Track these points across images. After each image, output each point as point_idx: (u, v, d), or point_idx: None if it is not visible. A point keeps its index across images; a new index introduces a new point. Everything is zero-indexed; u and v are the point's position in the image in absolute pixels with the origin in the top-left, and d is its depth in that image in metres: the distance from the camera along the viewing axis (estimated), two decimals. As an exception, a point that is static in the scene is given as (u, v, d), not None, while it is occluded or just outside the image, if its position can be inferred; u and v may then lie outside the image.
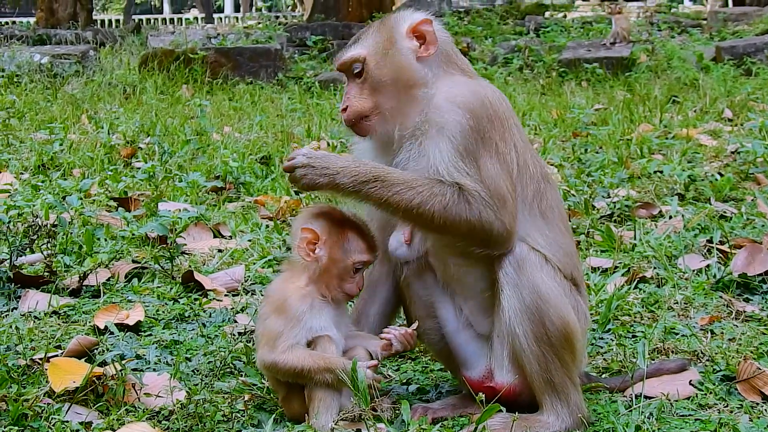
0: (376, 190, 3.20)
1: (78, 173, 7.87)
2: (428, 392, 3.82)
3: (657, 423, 3.34)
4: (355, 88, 3.41)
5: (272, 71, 16.33)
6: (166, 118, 10.93)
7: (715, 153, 8.71)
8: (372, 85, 3.37)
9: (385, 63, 3.37)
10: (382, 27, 3.45)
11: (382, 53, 3.38)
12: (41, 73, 14.64)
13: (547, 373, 3.31)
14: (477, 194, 3.20)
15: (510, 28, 22.02)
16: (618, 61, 16.24)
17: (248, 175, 7.80)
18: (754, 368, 3.66)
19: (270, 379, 3.48)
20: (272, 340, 3.33)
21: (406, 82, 3.36)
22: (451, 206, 3.19)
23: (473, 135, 3.24)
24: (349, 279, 3.41)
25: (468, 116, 3.24)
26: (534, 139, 9.58)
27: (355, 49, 3.42)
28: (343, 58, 3.44)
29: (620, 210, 6.61)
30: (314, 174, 3.22)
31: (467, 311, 3.52)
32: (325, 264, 3.39)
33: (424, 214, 3.19)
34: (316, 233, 3.39)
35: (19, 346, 4.04)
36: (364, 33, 3.48)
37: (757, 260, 4.95)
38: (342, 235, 3.40)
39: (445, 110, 3.26)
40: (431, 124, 3.27)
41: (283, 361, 3.29)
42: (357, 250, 3.41)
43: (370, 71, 3.37)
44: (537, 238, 3.35)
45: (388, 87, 3.36)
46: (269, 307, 3.41)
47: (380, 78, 3.36)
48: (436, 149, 3.24)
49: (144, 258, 5.53)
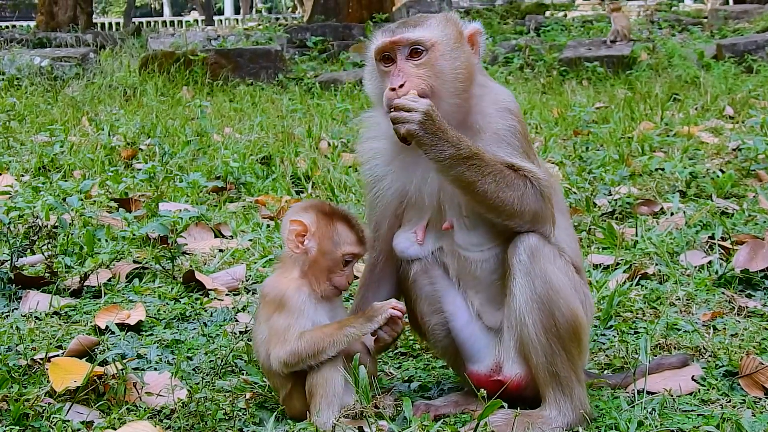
0: (472, 170, 3.23)
1: (78, 175, 7.86)
2: (430, 389, 3.81)
3: (660, 419, 3.33)
4: (409, 67, 3.33)
5: (272, 72, 16.32)
6: (166, 120, 10.93)
7: (717, 150, 8.70)
8: (433, 71, 3.33)
9: (452, 55, 3.36)
10: (447, 22, 3.42)
11: (452, 45, 3.37)
12: (41, 76, 14.63)
13: (553, 366, 3.31)
14: (540, 185, 3.33)
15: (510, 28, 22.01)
16: (619, 59, 16.22)
17: (249, 176, 7.80)
18: (756, 363, 3.66)
19: (271, 377, 3.48)
20: (282, 336, 3.33)
21: (465, 79, 3.37)
22: (526, 193, 3.30)
23: (524, 136, 3.40)
24: (339, 272, 3.43)
25: (517, 120, 3.39)
26: (535, 137, 9.58)
27: (422, 31, 3.35)
28: (406, 35, 3.34)
29: (622, 207, 6.60)
30: (430, 128, 3.19)
31: (478, 304, 3.53)
32: (315, 256, 3.39)
33: (506, 198, 3.27)
34: (305, 225, 3.41)
35: (20, 346, 4.04)
36: (423, 20, 3.41)
37: (759, 256, 4.94)
38: (331, 226, 3.42)
39: (497, 116, 3.38)
40: (483, 128, 3.37)
41: (301, 347, 3.29)
42: (346, 242, 3.42)
43: (436, 58, 3.34)
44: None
45: (448, 78, 3.35)
46: (269, 308, 3.41)
47: (444, 67, 3.34)
48: (496, 149, 3.33)
49: (145, 258, 5.52)
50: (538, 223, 3.35)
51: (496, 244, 3.42)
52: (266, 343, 3.40)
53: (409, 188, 3.48)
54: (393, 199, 3.55)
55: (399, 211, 3.56)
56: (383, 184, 3.55)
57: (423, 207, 3.48)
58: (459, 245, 3.46)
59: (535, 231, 3.34)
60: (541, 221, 3.35)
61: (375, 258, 3.67)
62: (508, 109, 3.39)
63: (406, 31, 3.36)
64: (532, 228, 3.34)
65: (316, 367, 3.32)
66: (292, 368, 3.35)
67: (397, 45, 3.34)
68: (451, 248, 3.49)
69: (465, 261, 3.48)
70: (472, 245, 3.44)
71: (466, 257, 3.47)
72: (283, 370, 3.35)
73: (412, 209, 3.51)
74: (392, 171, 3.52)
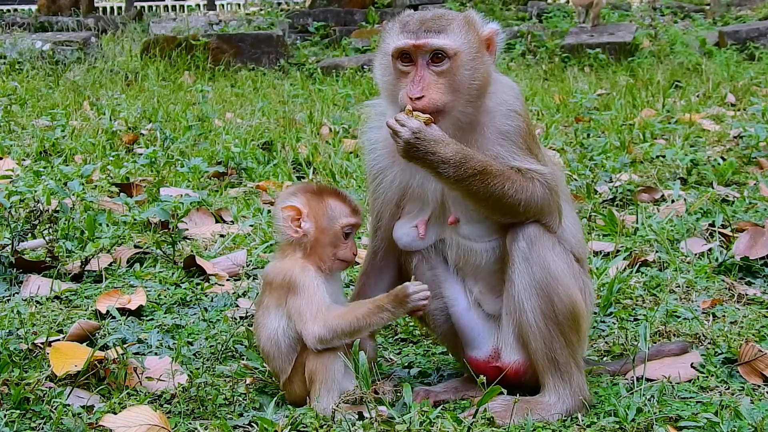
0: (477, 182, 3.24)
1: (80, 159, 7.86)
2: (430, 375, 3.82)
3: (658, 405, 3.34)
4: (430, 76, 3.28)
5: (274, 57, 16.30)
6: (168, 105, 10.91)
7: (718, 137, 8.69)
8: (453, 81, 3.29)
9: (472, 65, 3.31)
10: (468, 26, 3.34)
11: (472, 55, 3.31)
12: (43, 60, 14.61)
13: (552, 352, 3.32)
14: (546, 181, 3.34)
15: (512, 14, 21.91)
16: (621, 46, 16.17)
17: (250, 161, 7.80)
18: (755, 351, 3.67)
19: (271, 362, 3.48)
20: (310, 313, 3.33)
21: (483, 88, 3.35)
22: (534, 193, 3.31)
23: (529, 134, 3.40)
24: (341, 245, 3.46)
25: (523, 119, 3.39)
26: (537, 124, 9.56)
27: (447, 38, 3.27)
28: (431, 41, 3.26)
29: (622, 194, 6.61)
30: (416, 154, 3.20)
31: (477, 291, 3.55)
32: (314, 235, 3.43)
33: (512, 201, 3.29)
34: (297, 208, 3.44)
35: (21, 330, 4.05)
36: (446, 23, 3.31)
37: (759, 244, 4.95)
38: (323, 203, 3.46)
39: (504, 117, 3.37)
40: (488, 126, 3.36)
41: (339, 325, 3.30)
42: (342, 215, 3.46)
43: (457, 67, 3.28)
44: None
45: (466, 88, 3.31)
46: (278, 293, 3.42)
47: (464, 78, 3.30)
48: (500, 149, 3.33)
49: (146, 243, 5.52)
50: (544, 218, 3.38)
51: (501, 234, 3.43)
52: (290, 328, 3.39)
53: (412, 183, 3.48)
54: (395, 193, 3.55)
55: (401, 203, 3.56)
56: (386, 178, 3.55)
57: (426, 201, 3.47)
58: (464, 236, 3.47)
59: (541, 223, 3.37)
60: (547, 215, 3.38)
61: (377, 245, 3.67)
62: (515, 111, 3.38)
63: (430, 36, 3.27)
64: (539, 221, 3.37)
65: (316, 353, 3.33)
66: (327, 344, 3.34)
67: (419, 49, 3.28)
68: (453, 240, 3.50)
69: (468, 251, 3.49)
70: (478, 236, 3.45)
71: (469, 248, 3.48)
72: (317, 346, 3.34)
73: (415, 201, 3.51)
74: (395, 164, 3.50)
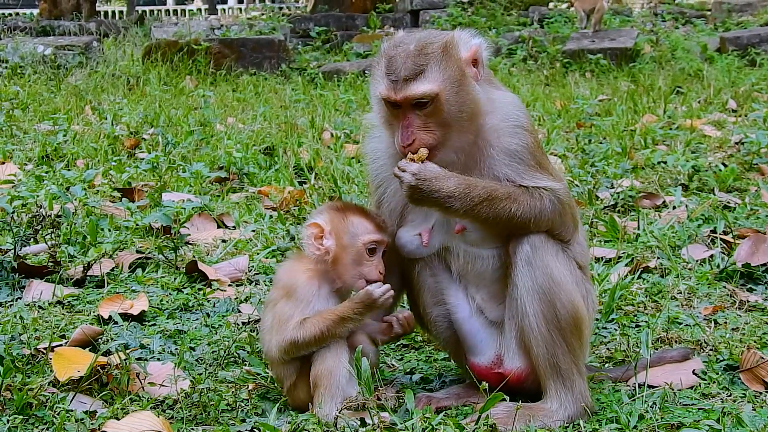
0: (485, 209, 3.28)
1: (82, 164, 7.87)
2: (432, 382, 3.83)
3: (660, 412, 3.34)
4: (417, 120, 3.29)
5: (276, 62, 16.32)
6: (169, 109, 10.92)
7: (719, 144, 8.70)
8: (440, 119, 3.30)
9: (456, 99, 3.30)
10: (446, 57, 3.30)
11: (455, 89, 3.30)
12: (45, 65, 14.62)
13: (554, 358, 3.33)
14: (557, 197, 3.36)
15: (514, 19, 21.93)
16: (622, 52, 16.19)
17: (252, 166, 7.80)
18: (757, 358, 3.67)
19: (275, 368, 3.49)
20: (283, 323, 3.36)
21: (472, 113, 3.35)
22: (543, 210, 3.33)
23: (537, 148, 3.41)
24: (365, 262, 3.45)
25: (529, 134, 3.39)
26: (538, 129, 9.56)
27: (424, 84, 3.26)
28: (410, 92, 3.26)
29: (624, 200, 6.61)
30: (421, 195, 3.26)
31: (480, 299, 3.55)
32: (336, 252, 3.43)
33: (521, 220, 3.32)
34: (320, 226, 3.45)
35: (24, 335, 4.05)
36: (423, 65, 3.28)
37: (761, 250, 4.95)
38: (345, 220, 3.46)
39: (509, 134, 3.37)
40: (493, 145, 3.37)
41: (300, 335, 3.33)
42: (364, 231, 3.44)
43: (441, 107, 3.28)
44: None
45: (456, 120, 3.32)
46: (279, 292, 3.45)
47: (450, 114, 3.30)
48: (508, 170, 3.35)
49: (148, 248, 5.53)
50: (556, 229, 3.40)
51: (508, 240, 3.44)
52: (270, 330, 3.43)
53: None
54: (398, 204, 3.56)
55: (405, 212, 3.56)
56: (389, 189, 3.56)
57: (430, 211, 3.45)
58: (470, 243, 3.47)
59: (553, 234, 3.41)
60: (558, 227, 3.40)
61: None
62: (520, 126, 3.39)
63: (408, 85, 3.24)
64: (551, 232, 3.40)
65: (321, 359, 3.34)
66: (291, 356, 3.38)
67: (404, 102, 3.28)
68: (457, 247, 3.50)
69: (474, 257, 3.50)
70: (485, 242, 3.46)
71: (475, 254, 3.49)
72: (282, 357, 3.39)
73: (418, 211, 3.50)
74: None
